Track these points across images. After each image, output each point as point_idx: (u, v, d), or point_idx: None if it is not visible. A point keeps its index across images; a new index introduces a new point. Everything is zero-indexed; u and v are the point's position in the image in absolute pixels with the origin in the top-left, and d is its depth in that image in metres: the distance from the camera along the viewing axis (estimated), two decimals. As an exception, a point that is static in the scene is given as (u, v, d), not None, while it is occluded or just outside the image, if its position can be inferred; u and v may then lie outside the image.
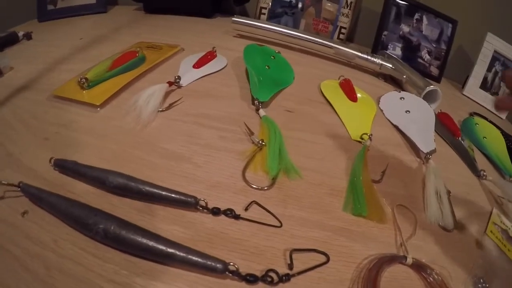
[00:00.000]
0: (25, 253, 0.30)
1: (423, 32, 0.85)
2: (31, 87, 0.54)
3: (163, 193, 0.35)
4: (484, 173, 0.50)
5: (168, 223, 0.34)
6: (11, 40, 0.67)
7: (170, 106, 0.50)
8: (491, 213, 0.43)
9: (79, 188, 0.37)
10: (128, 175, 0.36)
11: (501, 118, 0.86)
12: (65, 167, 0.39)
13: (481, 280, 0.34)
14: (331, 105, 0.56)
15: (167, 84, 0.52)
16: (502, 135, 0.65)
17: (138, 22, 0.82)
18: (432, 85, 0.65)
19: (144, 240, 0.30)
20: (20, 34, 0.69)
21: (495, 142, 0.62)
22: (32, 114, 0.48)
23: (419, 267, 0.34)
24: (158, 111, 0.49)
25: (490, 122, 0.75)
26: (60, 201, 0.34)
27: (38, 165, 0.39)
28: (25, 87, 0.54)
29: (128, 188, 0.35)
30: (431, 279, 0.33)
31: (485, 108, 0.85)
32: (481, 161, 0.54)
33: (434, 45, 0.85)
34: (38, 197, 0.34)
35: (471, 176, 0.50)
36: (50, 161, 0.39)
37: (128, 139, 0.44)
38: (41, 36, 0.72)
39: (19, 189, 0.35)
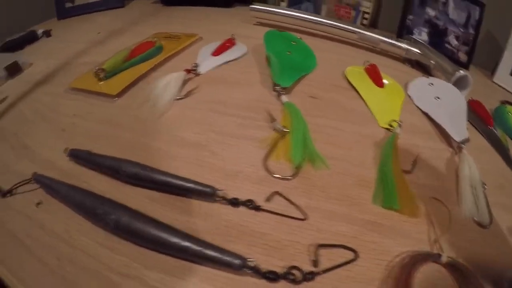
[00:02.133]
0: (38, 243, 0.29)
1: (450, 16, 0.78)
2: (49, 81, 0.53)
3: (179, 182, 0.32)
4: (520, 165, 0.44)
5: (184, 215, 0.31)
6: (30, 38, 0.67)
7: (188, 94, 0.47)
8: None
9: (93, 178, 0.35)
10: (141, 164, 0.34)
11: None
12: (79, 157, 0.37)
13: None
14: (356, 91, 0.52)
15: (185, 72, 0.49)
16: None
17: (156, 15, 0.80)
18: (462, 70, 0.60)
19: (157, 232, 0.27)
20: (40, 31, 0.69)
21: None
22: (50, 107, 0.47)
23: (453, 267, 0.29)
24: (175, 99, 0.46)
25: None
26: (72, 191, 0.32)
27: (54, 156, 0.38)
28: (43, 82, 0.53)
29: (142, 178, 0.33)
30: (465, 281, 0.28)
31: (516, 96, 0.78)
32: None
33: (462, 30, 0.79)
34: (51, 187, 0.33)
35: (505, 167, 0.43)
36: (65, 151, 0.37)
37: (144, 128, 0.42)
38: (60, 33, 0.71)
39: (33, 181, 0.34)
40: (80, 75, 0.51)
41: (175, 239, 0.27)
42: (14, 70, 0.55)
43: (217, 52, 0.56)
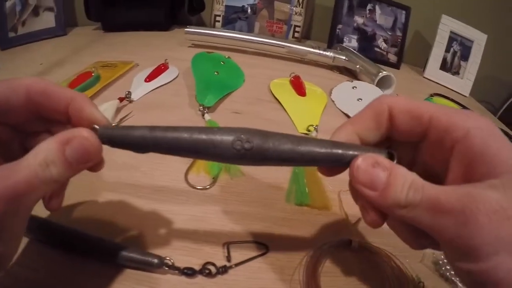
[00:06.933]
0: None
1: (377, 22, 0.89)
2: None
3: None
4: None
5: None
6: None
7: (121, 121, 0.53)
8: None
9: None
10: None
11: (465, 96, 0.90)
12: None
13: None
14: (279, 102, 0.60)
15: (118, 100, 0.55)
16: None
17: (97, 42, 0.85)
18: (385, 71, 0.69)
19: (87, 244, 0.32)
20: (-17, 63, 0.71)
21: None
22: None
23: (366, 250, 0.36)
24: (110, 127, 0.52)
25: (452, 100, 0.79)
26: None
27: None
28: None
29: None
30: (379, 260, 0.35)
31: (447, 87, 0.89)
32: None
33: (390, 33, 0.89)
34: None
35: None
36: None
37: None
38: (3, 65, 0.73)
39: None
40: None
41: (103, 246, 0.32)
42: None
43: (149, 78, 0.63)
